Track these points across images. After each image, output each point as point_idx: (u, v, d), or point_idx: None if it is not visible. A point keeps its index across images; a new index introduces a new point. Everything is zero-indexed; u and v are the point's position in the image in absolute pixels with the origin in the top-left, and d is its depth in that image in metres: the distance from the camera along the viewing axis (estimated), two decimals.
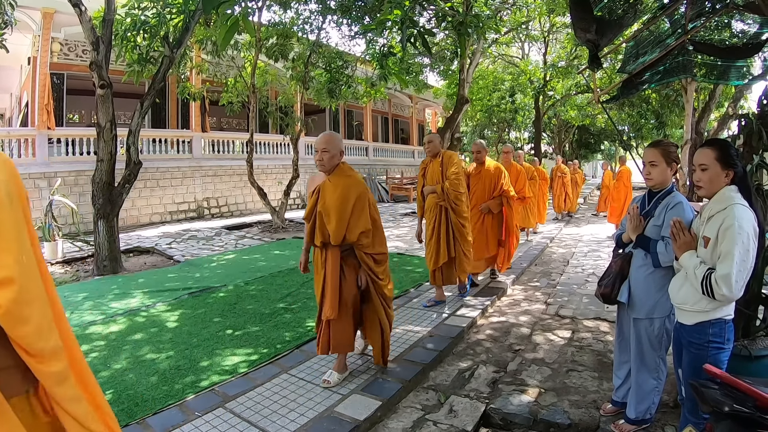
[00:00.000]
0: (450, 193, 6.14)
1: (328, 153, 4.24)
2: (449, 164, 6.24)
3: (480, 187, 7.13)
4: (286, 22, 13.92)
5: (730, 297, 2.57)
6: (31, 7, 14.10)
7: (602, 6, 4.54)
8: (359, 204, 4.08)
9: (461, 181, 6.21)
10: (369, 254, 4.15)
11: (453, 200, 6.16)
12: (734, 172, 2.73)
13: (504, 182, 7.10)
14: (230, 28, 3.71)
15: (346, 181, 4.19)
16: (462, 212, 6.25)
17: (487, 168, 7.14)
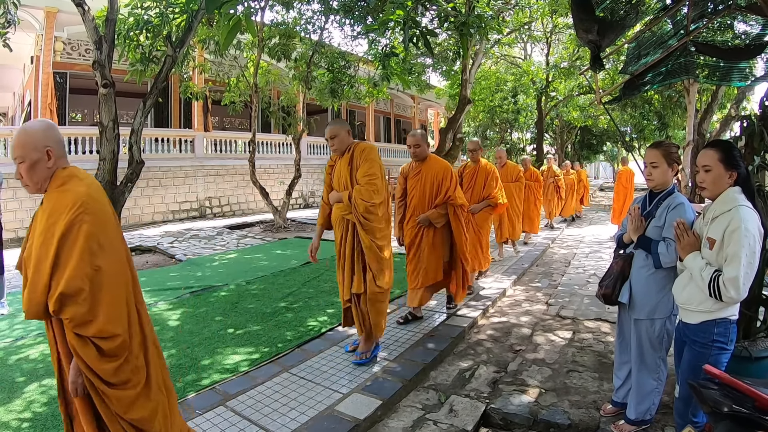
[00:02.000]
0: (358, 204, 4.34)
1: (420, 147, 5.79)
2: (362, 162, 4.51)
3: (418, 192, 5.62)
4: (289, 22, 13.93)
5: (737, 299, 2.58)
6: (34, 7, 14.14)
7: (604, 7, 4.54)
8: None
9: (377, 186, 4.40)
10: None
11: (362, 214, 4.36)
12: (737, 174, 2.74)
13: (451, 186, 5.57)
14: (232, 27, 3.73)
15: None
16: (375, 231, 4.45)
17: (429, 165, 5.66)
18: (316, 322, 5.80)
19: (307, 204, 22.43)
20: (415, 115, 34.71)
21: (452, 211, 5.60)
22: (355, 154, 4.60)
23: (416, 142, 5.62)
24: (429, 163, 5.69)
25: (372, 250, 4.46)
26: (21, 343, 5.28)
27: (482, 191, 7.03)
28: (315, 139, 23.54)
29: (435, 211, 5.54)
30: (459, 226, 5.62)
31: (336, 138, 4.65)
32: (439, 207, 5.57)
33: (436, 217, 5.54)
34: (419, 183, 5.64)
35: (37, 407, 3.81)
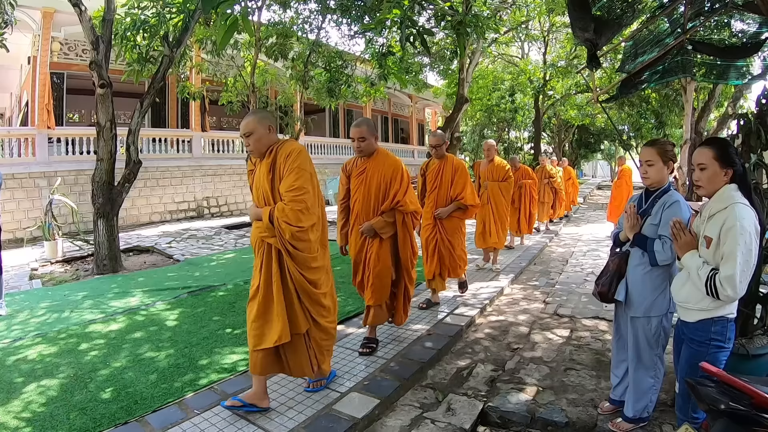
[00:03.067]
0: (283, 228, 3.35)
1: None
2: (286, 171, 3.46)
3: (362, 194, 4.73)
4: (286, 22, 13.92)
5: (734, 297, 2.59)
6: (31, 7, 14.10)
7: (601, 5, 4.54)
8: None
9: (306, 205, 3.39)
10: None
11: (289, 241, 3.39)
12: (733, 171, 2.74)
13: (401, 188, 4.65)
14: (229, 27, 3.73)
15: None
16: (307, 262, 3.54)
17: (376, 163, 4.73)
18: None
19: None
20: (413, 114, 34.71)
21: (401, 220, 4.73)
22: (278, 160, 3.53)
23: (360, 134, 4.61)
24: (377, 160, 4.73)
25: (304, 288, 3.56)
26: (19, 343, 5.28)
27: (449, 191, 6.19)
28: (313, 139, 23.53)
29: (381, 219, 4.64)
30: (406, 238, 4.80)
31: (252, 136, 3.64)
32: (386, 214, 4.67)
33: (382, 227, 4.65)
34: (363, 184, 4.74)
35: (35, 407, 3.81)
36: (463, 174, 6.18)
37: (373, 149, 4.76)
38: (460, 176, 6.17)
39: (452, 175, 6.20)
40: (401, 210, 4.69)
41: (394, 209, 4.69)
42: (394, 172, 4.70)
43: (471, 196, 6.17)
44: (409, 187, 4.74)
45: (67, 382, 4.27)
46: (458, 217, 6.27)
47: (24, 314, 6.36)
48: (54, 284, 8.43)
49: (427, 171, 6.47)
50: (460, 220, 6.31)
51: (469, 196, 6.15)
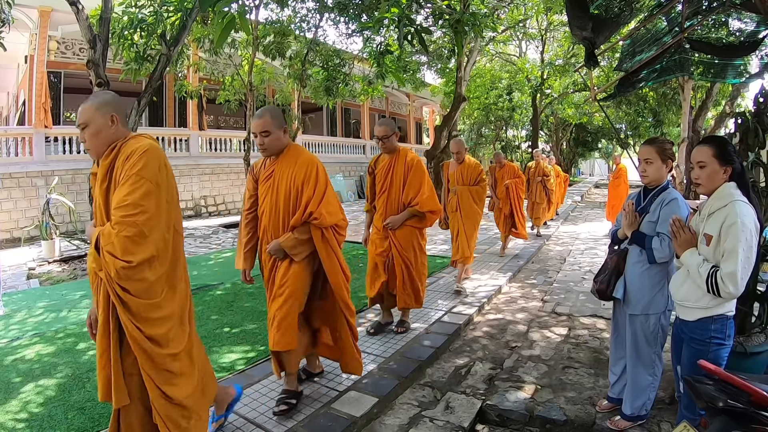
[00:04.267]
0: (107, 261, 2.41)
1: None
2: (123, 178, 2.52)
3: (269, 203, 3.72)
4: (283, 20, 13.92)
5: (735, 294, 2.59)
6: (28, 6, 14.07)
7: (599, 4, 4.55)
8: None
9: (139, 229, 2.42)
10: None
11: (116, 280, 2.42)
12: (732, 169, 2.74)
13: (315, 195, 3.60)
14: (226, 26, 3.72)
15: None
16: (143, 311, 2.50)
17: (285, 162, 3.73)
18: None
19: None
20: (411, 112, 34.68)
21: (319, 236, 3.63)
22: (116, 162, 2.60)
23: (263, 127, 3.61)
24: (286, 159, 3.74)
25: (142, 347, 2.50)
26: (17, 343, 5.27)
27: (401, 195, 5.10)
28: (310, 138, 23.49)
29: (291, 237, 3.58)
30: (332, 259, 3.71)
31: (86, 129, 2.69)
32: (298, 229, 3.61)
33: (293, 246, 3.59)
34: (271, 191, 3.73)
35: (33, 408, 3.80)
36: (419, 173, 5.10)
37: (280, 146, 3.74)
38: (414, 175, 5.08)
39: (405, 174, 5.10)
40: (316, 223, 3.58)
41: (308, 223, 3.61)
42: (307, 175, 3.62)
43: (428, 201, 5.04)
44: (328, 194, 3.66)
45: (65, 381, 4.26)
46: (414, 226, 5.16)
47: (22, 314, 6.35)
48: (52, 284, 8.42)
49: (376, 169, 5.32)
50: (416, 230, 5.19)
51: (427, 200, 5.03)
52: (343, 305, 3.80)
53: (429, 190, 5.09)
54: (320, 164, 3.78)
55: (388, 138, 5.10)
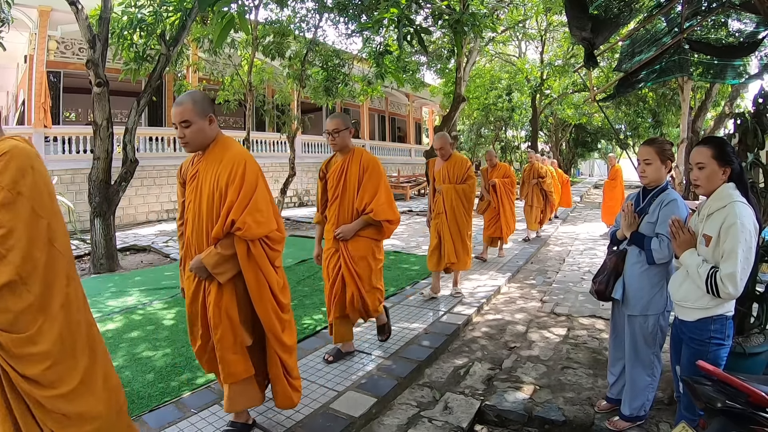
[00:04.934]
0: None
1: None
2: None
3: (192, 211, 3.11)
4: (283, 20, 13.90)
5: (735, 294, 2.59)
6: (27, 5, 14.06)
7: (598, 4, 4.55)
8: None
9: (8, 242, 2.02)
10: None
11: None
12: (731, 169, 2.74)
13: (239, 199, 2.93)
14: (226, 26, 3.72)
15: None
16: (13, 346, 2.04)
17: (210, 161, 3.09)
18: (311, 321, 5.79)
19: (301, 202, 22.41)
20: (410, 113, 34.68)
21: (244, 251, 2.95)
22: None
23: (182, 116, 2.98)
24: (212, 154, 3.10)
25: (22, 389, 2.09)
26: None
27: (354, 201, 4.46)
28: (310, 138, 23.51)
29: (213, 252, 2.94)
30: (260, 280, 3.01)
31: None
32: (222, 243, 2.96)
33: (216, 263, 2.94)
34: (195, 195, 3.11)
35: None
36: (375, 175, 4.50)
37: (205, 139, 3.09)
38: (370, 178, 4.47)
39: (359, 177, 4.47)
40: (240, 234, 2.91)
41: (232, 234, 2.95)
42: (231, 175, 2.95)
43: (385, 208, 4.42)
44: (257, 198, 2.98)
45: None
46: (369, 237, 4.52)
47: None
48: None
49: (328, 173, 4.67)
50: (371, 241, 4.54)
51: (383, 207, 4.41)
52: (274, 340, 3.12)
53: (386, 195, 4.47)
54: (250, 161, 3.06)
55: (339, 133, 4.40)
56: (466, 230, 6.64)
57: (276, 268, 3.15)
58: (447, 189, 6.56)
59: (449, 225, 6.54)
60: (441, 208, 6.63)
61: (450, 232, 6.54)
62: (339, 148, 4.53)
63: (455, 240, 6.55)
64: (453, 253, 6.53)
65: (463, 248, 6.63)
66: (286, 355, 3.22)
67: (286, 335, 3.19)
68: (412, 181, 25.89)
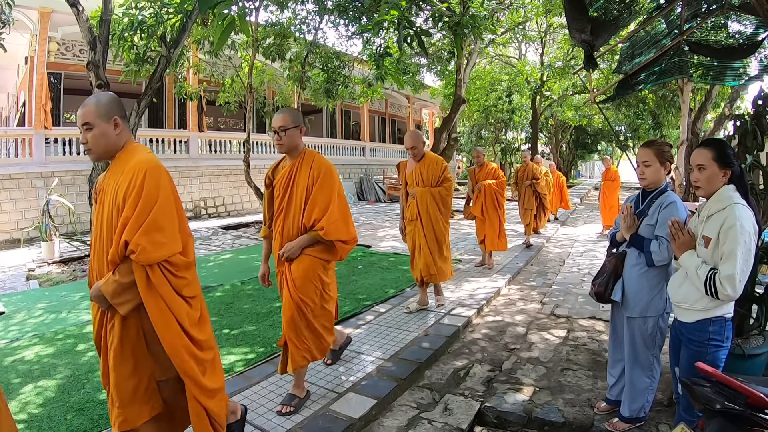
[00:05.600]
0: None
1: None
2: None
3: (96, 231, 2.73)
4: (283, 22, 13.93)
5: (734, 296, 2.59)
6: (28, 7, 14.08)
7: (597, 7, 4.56)
8: None
9: None
10: None
11: None
12: (731, 172, 2.75)
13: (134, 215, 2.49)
14: (226, 28, 3.73)
15: None
16: None
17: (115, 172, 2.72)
18: None
19: None
20: (410, 114, 34.71)
21: (143, 278, 2.48)
22: None
23: (84, 119, 2.66)
24: (117, 164, 2.74)
25: None
26: (16, 344, 5.27)
27: (302, 214, 3.74)
28: (310, 140, 23.52)
29: (110, 279, 2.50)
30: (163, 311, 2.51)
31: None
32: (120, 267, 2.51)
33: (114, 292, 2.49)
34: (98, 212, 2.73)
35: (32, 409, 3.80)
36: (328, 185, 3.76)
37: (110, 145, 2.73)
38: (322, 188, 3.74)
39: (308, 187, 3.75)
40: (134, 259, 2.45)
41: (128, 258, 2.49)
42: (129, 187, 2.54)
43: (339, 226, 3.70)
44: (156, 214, 2.53)
45: (64, 382, 4.26)
46: (317, 257, 3.75)
47: (21, 315, 6.35)
48: (51, 285, 8.42)
49: (274, 179, 3.98)
50: (318, 261, 3.77)
51: (336, 225, 3.69)
52: (191, 384, 2.60)
53: (341, 210, 3.76)
54: (153, 170, 2.65)
55: (286, 131, 3.76)
56: (443, 238, 6.07)
57: (187, 298, 2.65)
58: (421, 193, 5.96)
59: (425, 232, 5.98)
60: (415, 213, 6.03)
61: (426, 240, 5.98)
62: (286, 150, 3.86)
63: (432, 249, 5.99)
64: (432, 263, 5.98)
65: (441, 257, 6.06)
66: (209, 400, 2.68)
67: (207, 377, 2.67)
68: None
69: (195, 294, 2.73)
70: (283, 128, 3.76)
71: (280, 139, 3.79)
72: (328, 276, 3.88)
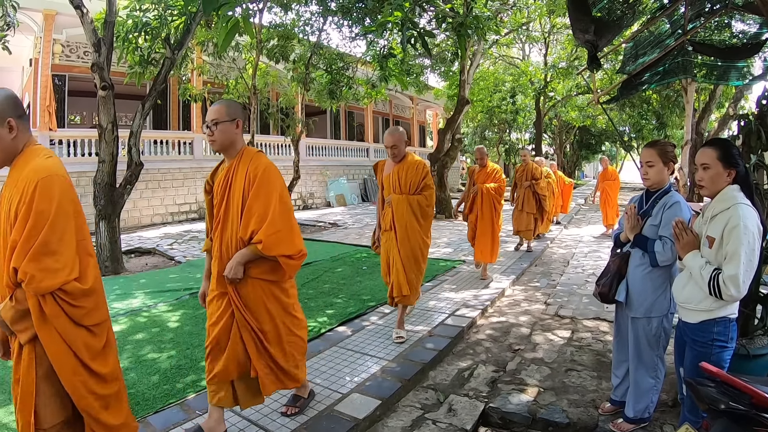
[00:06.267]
0: None
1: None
2: None
3: None
4: (287, 24, 13.94)
5: (737, 297, 2.58)
6: (32, 9, 14.13)
7: (601, 7, 4.55)
8: None
9: None
10: None
11: None
12: (736, 172, 2.74)
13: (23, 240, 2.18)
14: (230, 29, 3.74)
15: None
16: None
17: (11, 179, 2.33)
18: (315, 323, 5.79)
19: (306, 205, 22.43)
20: (414, 115, 34.72)
21: (36, 308, 2.22)
22: None
23: None
24: (14, 170, 2.37)
25: None
26: None
27: (239, 226, 3.15)
28: (314, 141, 23.56)
29: (7, 305, 2.27)
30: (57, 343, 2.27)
31: None
32: (16, 292, 2.25)
33: (13, 319, 2.26)
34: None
35: None
36: (265, 190, 3.16)
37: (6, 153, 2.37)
38: (258, 193, 3.14)
39: (246, 192, 3.16)
40: (25, 289, 2.20)
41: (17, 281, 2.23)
42: (20, 202, 2.22)
43: (280, 237, 3.09)
44: (45, 237, 2.20)
45: None
46: (265, 279, 3.22)
47: None
48: None
49: (213, 184, 3.43)
50: (270, 285, 3.25)
51: (276, 237, 3.07)
52: (91, 421, 2.36)
53: (283, 219, 3.13)
54: (46, 180, 2.23)
55: (218, 125, 3.20)
56: (420, 253, 5.30)
57: (90, 327, 2.37)
58: (398, 201, 5.18)
59: (399, 246, 5.19)
60: (389, 223, 5.25)
61: (401, 255, 5.19)
62: (219, 147, 3.27)
63: (407, 266, 5.19)
64: (405, 283, 5.15)
65: (418, 276, 5.37)
66: None
67: (109, 413, 2.42)
68: None
69: (100, 321, 2.44)
70: (215, 121, 3.18)
71: (212, 134, 3.22)
72: (288, 295, 3.36)
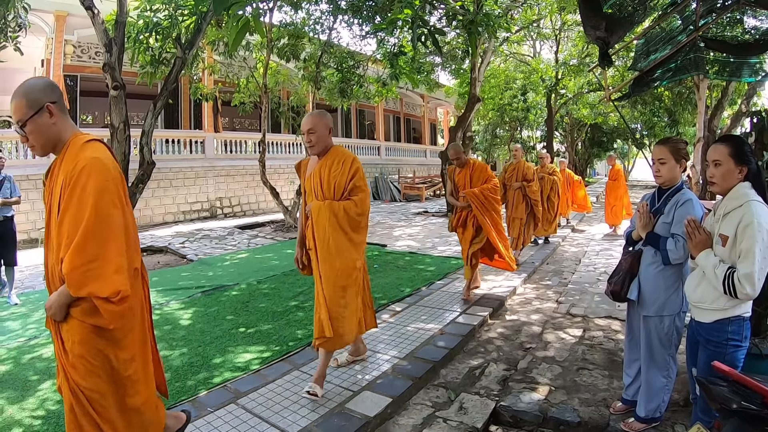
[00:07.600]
0: None
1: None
2: None
3: None
4: (297, 23, 13.98)
5: (753, 295, 2.56)
6: (44, 10, 14.23)
7: (612, 3, 4.53)
8: None
9: None
10: None
11: None
12: (748, 169, 2.71)
13: None
14: (241, 28, 3.75)
15: None
16: None
17: None
18: None
19: None
20: (425, 114, 34.69)
21: None
22: None
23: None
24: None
25: None
26: (34, 342, 5.33)
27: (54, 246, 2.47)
28: None
29: None
30: None
31: None
32: None
33: None
34: None
35: (50, 405, 3.85)
36: (78, 196, 2.27)
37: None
38: (69, 203, 2.29)
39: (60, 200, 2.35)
40: None
41: None
42: None
43: (90, 269, 2.22)
44: None
45: None
46: (83, 321, 2.31)
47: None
48: None
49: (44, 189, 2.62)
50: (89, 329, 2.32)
51: (86, 268, 2.22)
52: None
53: (96, 241, 2.24)
54: None
55: (21, 119, 2.39)
56: (350, 278, 3.94)
57: None
58: (318, 209, 3.92)
59: (321, 271, 3.91)
60: (311, 242, 4.02)
61: (322, 282, 3.90)
62: (33, 144, 2.47)
63: (330, 297, 3.86)
64: (326, 320, 3.81)
65: (349, 312, 3.96)
66: None
67: None
68: (428, 182, 25.89)
69: None
70: (20, 121, 2.39)
71: (26, 137, 2.44)
72: (122, 349, 2.42)
